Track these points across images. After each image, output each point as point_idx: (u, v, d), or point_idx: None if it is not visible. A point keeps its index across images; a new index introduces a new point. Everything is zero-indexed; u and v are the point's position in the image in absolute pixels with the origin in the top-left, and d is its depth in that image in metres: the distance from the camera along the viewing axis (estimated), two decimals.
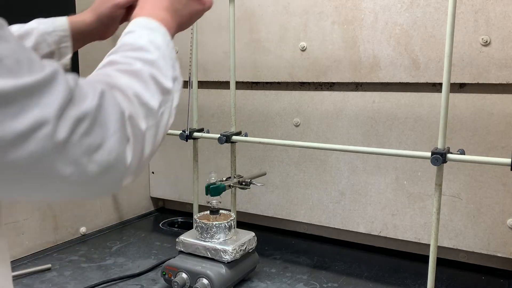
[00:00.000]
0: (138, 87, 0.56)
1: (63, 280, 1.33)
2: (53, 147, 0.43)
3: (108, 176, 0.49)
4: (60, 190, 0.48)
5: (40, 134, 0.41)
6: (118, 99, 0.51)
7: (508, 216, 1.29)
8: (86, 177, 0.47)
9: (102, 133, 0.47)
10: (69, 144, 0.44)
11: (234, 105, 1.41)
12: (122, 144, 0.50)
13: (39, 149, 0.41)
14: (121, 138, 0.49)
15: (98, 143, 0.47)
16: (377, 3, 1.37)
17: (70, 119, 0.44)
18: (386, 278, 1.36)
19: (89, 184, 0.48)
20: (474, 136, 1.30)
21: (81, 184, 0.48)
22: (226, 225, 1.27)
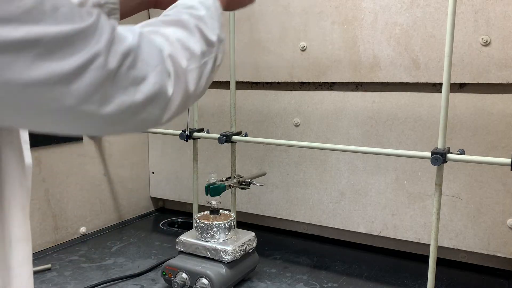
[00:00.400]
0: (182, 33, 0.64)
1: (63, 280, 1.33)
2: (106, 76, 0.50)
3: (152, 106, 0.56)
4: (112, 120, 0.54)
5: (95, 65, 0.49)
6: (157, 40, 0.58)
7: (508, 216, 1.29)
8: (134, 105, 0.54)
9: (145, 67, 0.54)
10: (119, 75, 0.52)
11: (234, 105, 1.41)
12: (163, 77, 0.57)
13: (96, 78, 0.49)
14: (162, 72, 0.56)
15: (143, 76, 0.54)
16: (377, 3, 1.37)
17: (117, 53, 0.51)
18: (386, 278, 1.36)
19: (137, 113, 0.55)
20: (474, 136, 1.30)
21: (130, 113, 0.54)
22: (226, 225, 1.27)
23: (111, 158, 1.78)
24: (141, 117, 0.56)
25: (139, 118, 0.56)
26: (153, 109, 0.57)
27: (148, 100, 0.55)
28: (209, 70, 0.66)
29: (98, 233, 1.71)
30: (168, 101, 0.58)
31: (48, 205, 1.55)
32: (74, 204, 1.64)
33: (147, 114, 0.56)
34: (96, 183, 1.73)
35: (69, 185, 1.62)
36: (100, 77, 0.49)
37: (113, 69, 0.51)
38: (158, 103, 0.57)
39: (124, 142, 1.83)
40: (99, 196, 1.74)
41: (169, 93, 0.57)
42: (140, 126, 0.58)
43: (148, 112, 0.56)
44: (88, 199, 1.69)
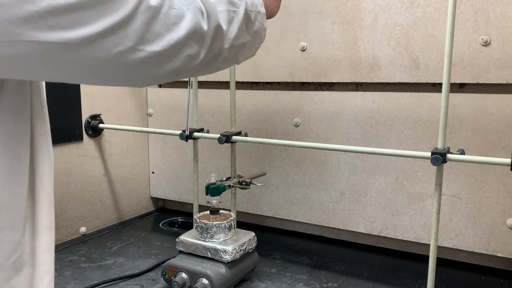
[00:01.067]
0: None
1: (63, 280, 1.33)
2: (153, 16, 0.56)
3: (193, 40, 0.62)
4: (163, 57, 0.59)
5: (142, 8, 0.55)
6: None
7: (508, 216, 1.29)
8: (179, 41, 0.60)
9: (181, 5, 0.60)
10: (163, 14, 0.58)
11: (234, 105, 1.41)
12: (197, 14, 0.63)
13: (145, 19, 0.55)
14: (195, 9, 0.62)
15: (182, 14, 0.60)
16: (377, 3, 1.37)
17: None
18: (386, 278, 1.36)
19: (182, 47, 0.61)
20: (474, 136, 1.30)
21: (178, 48, 0.60)
22: (226, 225, 1.27)
23: (111, 158, 1.78)
24: (185, 51, 0.62)
25: (185, 53, 0.62)
26: (193, 43, 0.63)
27: (189, 35, 0.61)
28: (240, 19, 0.72)
29: (98, 233, 1.71)
30: (205, 35, 0.64)
31: None
32: (74, 204, 1.64)
33: (190, 49, 0.62)
34: (96, 183, 1.73)
35: (69, 185, 1.62)
36: (148, 17, 0.56)
37: (157, 9, 0.57)
38: (197, 38, 0.63)
39: (124, 142, 1.83)
40: (99, 196, 1.74)
41: (205, 28, 0.64)
42: (185, 62, 0.63)
43: (190, 46, 0.62)
44: (88, 199, 1.69)
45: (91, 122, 1.68)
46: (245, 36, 0.74)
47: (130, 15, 0.54)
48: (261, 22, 0.80)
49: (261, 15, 0.80)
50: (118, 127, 1.73)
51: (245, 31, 0.74)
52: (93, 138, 1.70)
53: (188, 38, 0.61)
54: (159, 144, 1.90)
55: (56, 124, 1.51)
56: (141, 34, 0.55)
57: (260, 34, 0.81)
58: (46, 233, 0.65)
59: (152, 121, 1.90)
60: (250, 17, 0.75)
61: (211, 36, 0.65)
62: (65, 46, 0.50)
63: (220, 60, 0.70)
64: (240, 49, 0.75)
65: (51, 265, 0.66)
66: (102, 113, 1.72)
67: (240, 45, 0.73)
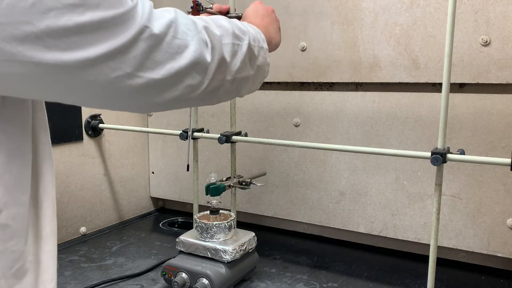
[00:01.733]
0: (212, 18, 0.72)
1: (63, 280, 1.33)
2: (155, 44, 0.57)
3: (195, 71, 0.63)
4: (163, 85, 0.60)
5: (144, 36, 0.56)
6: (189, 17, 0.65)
7: (508, 216, 1.29)
8: (181, 70, 0.60)
9: (185, 36, 0.61)
10: (165, 43, 0.58)
11: (234, 105, 1.41)
12: (202, 46, 0.64)
13: (146, 47, 0.56)
14: (199, 41, 0.63)
15: (185, 44, 0.61)
16: (377, 3, 1.37)
17: (161, 25, 0.58)
18: (386, 278, 1.36)
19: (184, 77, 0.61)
20: (474, 136, 1.30)
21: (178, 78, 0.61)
22: (226, 225, 1.27)
23: (111, 158, 1.78)
24: (186, 82, 0.62)
25: (185, 83, 0.62)
26: (196, 74, 0.63)
27: (191, 65, 0.62)
28: (243, 53, 0.73)
29: (98, 233, 1.71)
30: (207, 67, 0.65)
31: None
32: (74, 204, 1.64)
33: (191, 79, 0.63)
34: (96, 183, 1.73)
35: (69, 185, 1.62)
36: (150, 45, 0.56)
37: (160, 38, 0.58)
38: (199, 69, 0.63)
39: (124, 142, 1.83)
40: (99, 196, 1.74)
41: (208, 59, 0.65)
42: (186, 91, 0.64)
43: (192, 77, 0.63)
44: (88, 199, 1.69)
45: (91, 122, 1.68)
46: (248, 70, 0.75)
47: (130, 41, 0.54)
48: (264, 57, 0.81)
49: (263, 51, 0.81)
50: (118, 127, 1.73)
51: (248, 65, 0.75)
52: (93, 138, 1.70)
53: (190, 68, 0.62)
54: (159, 144, 1.90)
55: (56, 124, 1.51)
56: (141, 61, 0.56)
57: (263, 69, 0.81)
58: (49, 241, 0.65)
59: (152, 121, 1.90)
60: (254, 52, 0.76)
61: (214, 68, 0.66)
62: (62, 68, 0.50)
63: (221, 91, 0.71)
64: (243, 83, 0.75)
65: (54, 273, 0.66)
66: (102, 113, 1.72)
67: (242, 78, 0.74)
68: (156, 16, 0.59)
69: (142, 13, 0.56)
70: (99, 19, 0.52)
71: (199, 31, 0.64)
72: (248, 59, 0.74)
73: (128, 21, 0.55)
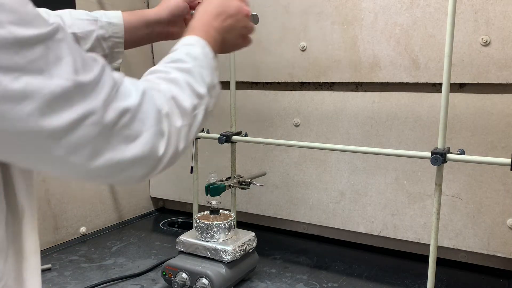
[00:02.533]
0: (175, 91, 0.64)
1: (63, 280, 1.33)
2: (99, 132, 0.51)
3: (141, 164, 0.56)
4: (99, 173, 0.54)
5: (89, 122, 0.49)
6: (157, 99, 0.59)
7: (508, 216, 1.29)
8: (122, 162, 0.54)
9: (140, 126, 0.55)
10: (112, 132, 0.52)
11: (234, 105, 1.41)
12: (156, 138, 0.57)
13: (88, 134, 0.50)
14: (156, 133, 0.57)
15: (136, 134, 0.55)
16: (377, 3, 1.37)
17: (115, 111, 0.52)
18: (386, 278, 1.36)
19: (124, 169, 0.55)
20: (474, 136, 1.30)
21: (118, 169, 0.55)
22: (226, 225, 1.27)
23: None
24: (127, 174, 0.56)
25: (125, 174, 0.56)
26: (140, 168, 0.57)
27: (137, 159, 0.55)
28: (199, 121, 0.68)
29: (98, 233, 1.71)
30: (158, 160, 0.58)
31: (48, 205, 1.55)
32: (74, 204, 1.64)
33: (133, 172, 0.56)
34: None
35: (69, 185, 1.62)
36: (92, 133, 0.50)
37: (107, 126, 0.51)
38: (147, 163, 0.57)
39: None
40: (99, 196, 1.74)
41: (160, 153, 0.58)
42: (124, 181, 0.58)
43: (135, 169, 0.56)
44: (88, 199, 1.69)
45: None
46: (203, 125, 0.71)
47: (70, 125, 0.48)
48: (216, 95, 0.75)
49: (215, 89, 0.75)
50: None
51: (204, 122, 0.70)
52: None
53: (135, 161, 0.55)
54: None
55: None
56: (76, 148, 0.50)
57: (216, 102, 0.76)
58: (32, 258, 0.63)
59: None
60: (208, 107, 0.71)
61: (166, 161, 0.60)
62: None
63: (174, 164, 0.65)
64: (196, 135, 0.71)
65: None
66: None
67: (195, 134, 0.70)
68: (116, 98, 0.52)
69: (98, 91, 0.50)
70: (35, 89, 0.45)
71: (159, 121, 0.57)
72: (204, 120, 0.70)
73: (76, 98, 0.48)
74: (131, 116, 0.54)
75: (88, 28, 0.90)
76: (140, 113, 0.55)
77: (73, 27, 0.89)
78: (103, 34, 0.91)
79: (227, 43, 0.84)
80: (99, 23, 0.91)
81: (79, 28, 0.89)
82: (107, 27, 0.92)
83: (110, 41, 0.93)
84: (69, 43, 0.50)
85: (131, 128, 0.54)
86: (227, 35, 0.83)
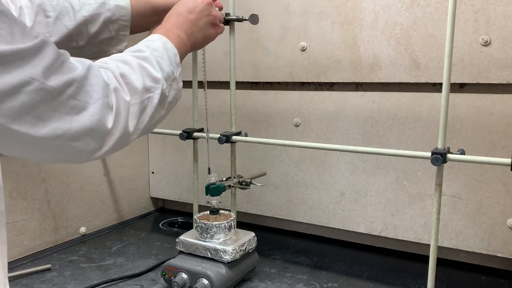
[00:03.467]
0: (125, 68, 0.65)
1: (63, 280, 1.33)
2: (41, 100, 0.51)
3: (90, 136, 0.57)
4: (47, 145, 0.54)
5: (29, 88, 0.50)
6: (104, 74, 0.60)
7: (508, 216, 1.29)
8: (70, 133, 0.55)
9: (87, 98, 0.56)
10: (57, 102, 0.52)
11: (234, 105, 1.41)
12: (105, 110, 0.58)
13: (29, 100, 0.50)
14: (103, 105, 0.58)
15: (83, 106, 0.55)
16: (377, 3, 1.37)
17: (59, 80, 0.53)
18: (386, 278, 1.36)
19: (72, 141, 0.55)
20: (474, 136, 1.30)
21: (65, 140, 0.55)
22: (226, 225, 1.27)
23: (111, 158, 1.78)
24: (77, 146, 0.56)
25: (75, 147, 0.56)
26: (90, 140, 0.57)
27: (85, 130, 0.56)
28: (154, 105, 0.68)
29: (98, 233, 1.71)
30: (106, 133, 0.59)
31: (48, 205, 1.55)
32: (74, 204, 1.64)
33: (83, 144, 0.57)
34: (96, 183, 1.73)
35: (69, 185, 1.62)
36: (34, 100, 0.50)
37: (51, 95, 0.52)
38: (95, 135, 0.58)
39: None
40: (99, 196, 1.74)
41: (108, 126, 0.59)
42: (76, 156, 0.58)
43: (85, 142, 0.57)
44: (88, 199, 1.69)
45: None
46: (159, 113, 0.71)
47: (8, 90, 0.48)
48: (176, 88, 0.76)
49: (176, 82, 0.76)
50: None
51: (159, 109, 0.71)
52: None
53: (83, 133, 0.56)
54: (159, 144, 1.90)
55: None
56: (19, 114, 0.50)
57: (175, 101, 0.76)
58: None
59: None
60: (165, 94, 0.72)
61: (117, 135, 0.60)
62: None
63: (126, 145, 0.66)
64: (153, 126, 0.72)
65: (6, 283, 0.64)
66: None
67: (152, 124, 0.71)
68: (61, 70, 0.53)
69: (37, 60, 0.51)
70: None
71: (106, 95, 0.58)
72: (159, 104, 0.70)
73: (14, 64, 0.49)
74: (77, 86, 0.55)
75: (96, 11, 0.93)
76: (87, 85, 0.56)
77: (82, 11, 0.92)
78: (110, 17, 0.94)
79: (198, 35, 0.88)
80: (106, 6, 0.94)
81: (88, 11, 0.92)
82: (114, 9, 0.94)
83: (117, 23, 0.95)
84: (8, 15, 0.50)
85: (77, 99, 0.55)
86: (195, 28, 0.87)
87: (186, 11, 0.88)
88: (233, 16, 1.30)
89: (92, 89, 0.57)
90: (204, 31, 0.91)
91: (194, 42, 0.88)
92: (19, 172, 1.46)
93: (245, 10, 1.56)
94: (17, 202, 1.46)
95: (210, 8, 0.93)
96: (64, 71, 0.54)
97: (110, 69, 0.63)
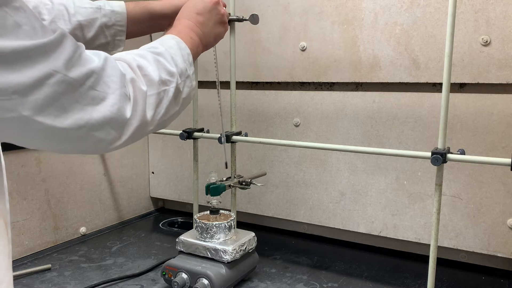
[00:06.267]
0: (141, 61, 0.67)
1: (63, 280, 1.33)
2: (64, 91, 0.52)
3: (110, 126, 0.59)
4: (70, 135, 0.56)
5: (53, 80, 0.51)
6: (121, 65, 0.62)
7: (508, 216, 1.29)
8: (91, 123, 0.56)
9: (106, 88, 0.57)
10: (79, 93, 0.54)
11: (234, 105, 1.41)
12: (123, 100, 0.60)
13: (52, 92, 0.51)
14: (121, 95, 0.59)
15: (102, 97, 0.57)
16: (377, 3, 1.37)
17: (79, 73, 0.54)
18: (386, 278, 1.36)
19: (94, 131, 0.57)
20: (474, 136, 1.30)
21: (87, 130, 0.56)
22: (226, 225, 1.27)
23: (111, 158, 1.78)
24: (98, 136, 0.58)
25: (96, 137, 0.58)
26: (110, 130, 0.59)
27: (105, 120, 0.58)
28: (169, 98, 0.70)
29: (98, 233, 1.71)
30: (125, 123, 0.61)
31: (48, 205, 1.55)
32: (74, 204, 1.64)
33: (104, 134, 0.59)
34: (96, 183, 1.73)
35: (69, 185, 1.62)
36: (57, 91, 0.52)
37: (73, 86, 0.53)
38: (115, 124, 0.59)
39: None
40: (99, 196, 1.74)
41: (127, 115, 0.61)
42: (96, 145, 0.60)
43: (106, 132, 0.59)
44: (88, 199, 1.69)
45: None
46: (174, 108, 0.73)
47: (33, 84, 0.49)
48: (190, 86, 0.77)
49: (190, 79, 0.77)
50: None
51: (174, 104, 0.72)
52: None
53: (103, 122, 0.58)
54: (159, 144, 1.90)
55: None
56: (43, 106, 0.51)
57: (188, 99, 0.78)
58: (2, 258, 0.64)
59: None
60: (180, 89, 0.73)
61: (135, 125, 0.62)
62: None
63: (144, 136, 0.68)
64: (168, 121, 0.74)
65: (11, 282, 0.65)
66: None
67: (168, 118, 0.72)
68: (80, 62, 0.54)
69: (59, 53, 0.52)
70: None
71: (123, 85, 0.60)
72: (174, 99, 0.72)
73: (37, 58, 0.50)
74: (96, 78, 0.56)
75: (92, 16, 0.94)
76: (105, 76, 0.57)
77: (77, 15, 0.92)
78: (106, 22, 0.94)
79: (209, 35, 0.90)
80: (102, 11, 0.94)
81: (83, 16, 0.93)
82: (110, 15, 0.94)
83: (113, 29, 0.95)
84: (27, 10, 0.51)
85: (97, 89, 0.56)
86: (206, 29, 0.89)
87: (196, 13, 0.89)
88: (233, 16, 1.30)
89: (110, 79, 0.58)
90: (214, 30, 0.92)
91: (206, 42, 0.90)
92: (19, 172, 1.46)
93: (245, 10, 1.57)
94: (17, 202, 1.46)
95: (218, 7, 0.95)
96: (82, 62, 0.55)
97: (126, 61, 0.64)
